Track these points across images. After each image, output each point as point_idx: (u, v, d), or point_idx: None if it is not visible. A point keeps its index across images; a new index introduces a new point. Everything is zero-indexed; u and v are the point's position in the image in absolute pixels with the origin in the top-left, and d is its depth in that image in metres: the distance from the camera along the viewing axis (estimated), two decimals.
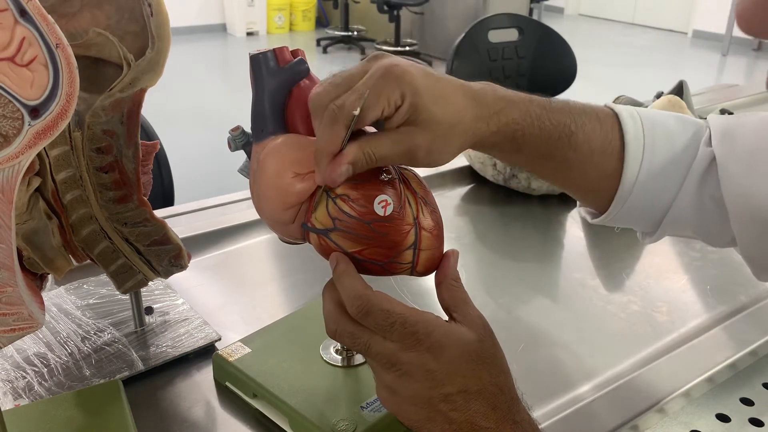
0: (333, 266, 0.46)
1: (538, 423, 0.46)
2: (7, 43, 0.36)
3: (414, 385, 0.44)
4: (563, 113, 0.54)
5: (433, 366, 0.44)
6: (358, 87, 0.44)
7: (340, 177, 0.45)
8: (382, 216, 0.45)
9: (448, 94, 0.48)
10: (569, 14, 8.40)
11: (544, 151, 0.54)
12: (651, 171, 0.56)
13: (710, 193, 0.56)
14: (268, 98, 0.48)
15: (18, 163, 0.39)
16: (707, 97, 1.64)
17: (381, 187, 0.46)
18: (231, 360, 0.62)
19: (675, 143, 0.57)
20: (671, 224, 0.59)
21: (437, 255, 0.48)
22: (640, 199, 0.57)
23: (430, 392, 0.44)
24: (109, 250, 0.63)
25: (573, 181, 0.59)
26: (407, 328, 0.44)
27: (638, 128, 0.56)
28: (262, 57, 0.48)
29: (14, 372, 0.64)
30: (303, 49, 0.50)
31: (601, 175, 0.57)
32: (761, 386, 0.67)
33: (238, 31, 6.79)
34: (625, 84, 5.06)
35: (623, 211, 0.58)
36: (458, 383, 0.44)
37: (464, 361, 0.44)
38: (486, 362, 0.45)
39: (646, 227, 0.61)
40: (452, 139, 0.48)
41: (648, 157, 0.56)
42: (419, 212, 0.47)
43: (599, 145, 0.56)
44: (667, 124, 0.58)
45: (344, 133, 0.44)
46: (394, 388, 0.45)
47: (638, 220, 0.60)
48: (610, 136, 0.56)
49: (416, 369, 0.44)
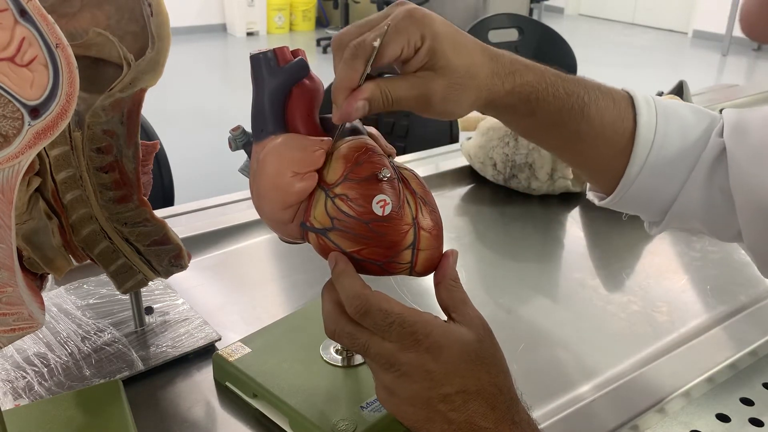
0: (332, 266, 0.46)
1: (537, 423, 0.46)
2: (7, 43, 0.36)
3: (413, 385, 0.44)
4: (578, 85, 0.55)
5: (432, 366, 0.43)
6: (380, 26, 0.45)
7: (356, 112, 0.45)
8: (381, 216, 0.45)
9: (467, 45, 0.49)
10: (569, 14, 8.40)
11: (557, 119, 0.54)
12: (661, 157, 0.56)
13: (719, 184, 0.56)
14: (268, 98, 0.48)
15: (18, 163, 0.39)
16: (707, 97, 1.64)
17: (379, 187, 0.46)
18: (231, 360, 0.62)
19: (688, 134, 0.57)
20: (678, 214, 0.58)
21: (436, 255, 0.48)
22: (647, 184, 0.57)
23: (428, 393, 0.44)
24: (109, 250, 0.63)
25: (583, 155, 0.59)
26: (406, 328, 0.43)
27: (652, 113, 0.56)
28: (263, 57, 0.48)
29: (14, 372, 0.64)
30: (303, 49, 0.50)
31: (610, 153, 0.57)
32: (761, 386, 0.67)
33: (238, 31, 6.79)
34: (626, 84, 4.98)
35: (629, 195, 0.58)
36: (457, 383, 0.44)
37: (463, 362, 0.44)
38: (485, 362, 0.45)
39: (653, 216, 0.60)
40: (468, 90, 0.49)
41: (659, 142, 0.56)
42: (418, 212, 0.47)
43: (611, 121, 0.56)
44: (681, 114, 0.58)
45: (363, 68, 0.45)
46: (393, 388, 0.45)
47: (644, 206, 0.59)
48: (623, 114, 0.56)
49: (415, 369, 0.44)
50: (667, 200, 0.58)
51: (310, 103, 0.49)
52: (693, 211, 0.58)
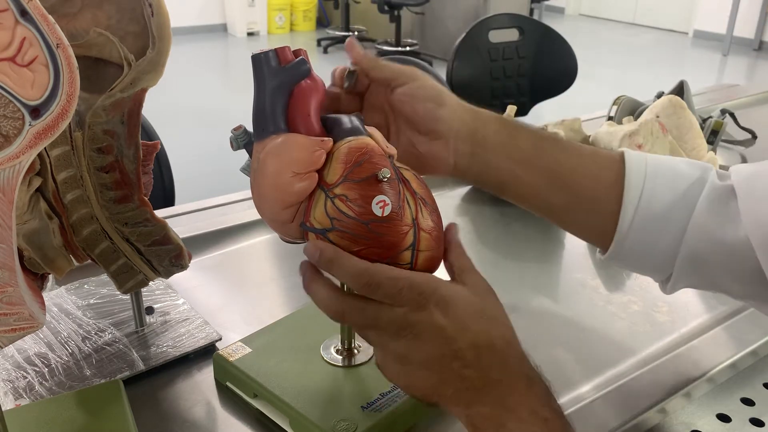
0: (316, 256, 0.46)
1: (548, 381, 0.46)
2: (7, 43, 0.36)
3: (425, 345, 0.44)
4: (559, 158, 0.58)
5: (443, 322, 0.44)
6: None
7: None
8: (380, 216, 0.45)
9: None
10: (570, 14, 8.39)
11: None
12: (651, 210, 0.56)
13: (725, 229, 0.54)
14: (269, 98, 0.48)
15: (19, 163, 0.39)
16: (708, 97, 1.64)
17: (379, 188, 0.45)
18: (231, 360, 0.62)
19: (678, 185, 0.56)
20: (686, 269, 0.57)
21: (436, 256, 0.48)
22: (641, 237, 0.56)
23: (441, 350, 0.44)
24: (109, 250, 0.63)
25: (572, 224, 0.62)
26: (414, 288, 0.44)
27: (641, 163, 0.57)
28: (264, 56, 0.48)
29: (15, 372, 0.64)
30: (305, 49, 0.50)
31: (599, 217, 0.58)
32: (762, 386, 0.67)
33: (239, 32, 6.79)
34: (626, 84, 5.06)
35: (626, 251, 0.57)
36: (468, 338, 0.44)
37: (470, 317, 0.45)
38: (491, 318, 0.46)
39: (659, 272, 0.59)
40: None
41: (647, 194, 0.56)
42: (418, 213, 0.47)
43: (593, 186, 0.58)
44: (672, 166, 0.58)
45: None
46: (406, 354, 0.45)
47: (645, 261, 0.59)
48: (610, 175, 0.57)
49: (427, 327, 0.44)
50: (669, 254, 0.57)
51: (311, 103, 0.49)
52: (702, 263, 0.56)
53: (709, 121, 1.19)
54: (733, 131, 1.33)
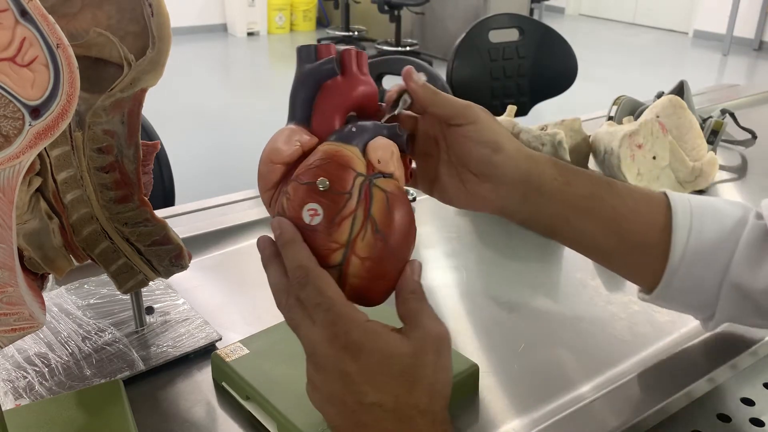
0: (276, 233, 0.46)
1: None
2: (7, 43, 0.36)
3: (330, 383, 0.42)
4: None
5: (349, 368, 0.41)
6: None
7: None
8: (307, 224, 0.45)
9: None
10: (570, 14, 8.39)
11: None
12: (701, 241, 0.56)
13: (759, 267, 0.55)
14: (294, 89, 0.51)
15: (19, 163, 0.39)
16: (708, 97, 1.64)
17: (314, 196, 0.45)
18: (228, 360, 0.61)
19: (724, 221, 0.57)
20: (729, 306, 0.58)
21: (371, 288, 0.46)
22: (691, 272, 0.57)
23: (344, 395, 0.42)
24: (109, 250, 0.63)
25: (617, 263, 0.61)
26: (329, 317, 0.42)
27: (686, 206, 0.57)
28: (304, 49, 0.50)
29: (15, 372, 0.64)
30: (355, 49, 0.51)
31: (646, 252, 0.58)
32: (762, 386, 0.67)
33: (239, 32, 6.79)
34: (626, 84, 5.06)
35: (675, 286, 0.58)
36: (373, 394, 0.41)
37: (381, 373, 0.41)
38: (409, 380, 0.42)
39: (701, 309, 0.60)
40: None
41: (697, 227, 0.56)
42: (358, 236, 0.45)
43: (644, 221, 0.58)
44: (714, 204, 0.58)
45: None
46: (314, 381, 0.43)
47: (691, 298, 0.59)
48: (655, 211, 0.58)
49: (331, 366, 0.42)
50: (714, 291, 0.57)
51: (331, 102, 0.50)
52: (743, 299, 0.57)
53: (709, 121, 1.19)
54: (733, 131, 1.33)
